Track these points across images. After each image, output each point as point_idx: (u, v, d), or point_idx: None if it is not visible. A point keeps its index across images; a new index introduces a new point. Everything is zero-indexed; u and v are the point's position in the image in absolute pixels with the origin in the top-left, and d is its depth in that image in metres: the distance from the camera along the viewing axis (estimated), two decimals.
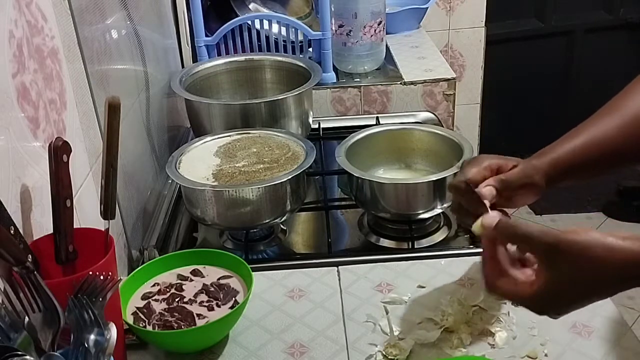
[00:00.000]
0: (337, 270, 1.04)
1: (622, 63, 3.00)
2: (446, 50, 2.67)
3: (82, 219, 0.92)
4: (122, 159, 0.91)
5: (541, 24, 2.94)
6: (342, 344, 0.89)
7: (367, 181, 1.15)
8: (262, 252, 1.21)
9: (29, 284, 0.68)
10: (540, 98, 3.08)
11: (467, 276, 1.00)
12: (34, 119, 0.81)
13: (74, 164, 0.82)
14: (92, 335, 0.66)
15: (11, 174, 0.75)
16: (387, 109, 1.79)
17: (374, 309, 0.95)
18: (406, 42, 2.05)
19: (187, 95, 1.39)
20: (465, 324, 0.89)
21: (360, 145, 1.26)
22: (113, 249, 0.78)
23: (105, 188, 0.80)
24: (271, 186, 1.10)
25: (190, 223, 1.28)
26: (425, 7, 2.15)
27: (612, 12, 2.95)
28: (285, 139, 1.24)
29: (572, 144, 0.84)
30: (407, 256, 1.09)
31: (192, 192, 1.14)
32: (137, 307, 0.89)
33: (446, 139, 1.25)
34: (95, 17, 1.07)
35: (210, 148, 1.24)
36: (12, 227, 0.69)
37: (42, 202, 0.82)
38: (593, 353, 0.84)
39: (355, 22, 1.73)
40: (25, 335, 0.64)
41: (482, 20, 2.66)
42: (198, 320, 0.86)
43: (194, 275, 0.95)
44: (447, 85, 1.79)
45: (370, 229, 1.23)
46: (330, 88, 1.76)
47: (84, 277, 0.71)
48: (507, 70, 2.94)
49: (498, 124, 2.99)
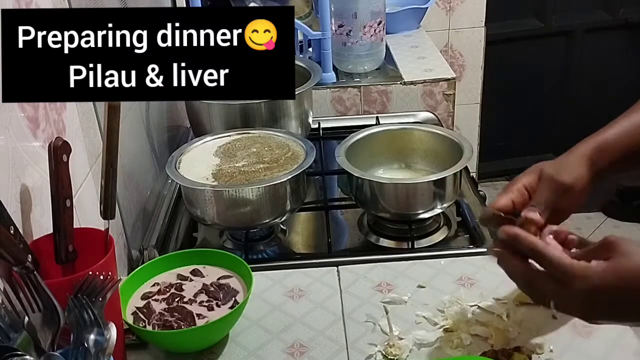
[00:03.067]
0: (337, 270, 1.04)
1: (621, 63, 3.01)
2: (446, 50, 2.67)
3: (82, 219, 0.92)
4: (122, 159, 0.91)
5: (541, 24, 2.94)
6: (342, 344, 0.89)
7: (367, 181, 1.15)
8: (262, 252, 1.21)
9: (28, 284, 0.68)
10: (540, 98, 3.08)
11: (467, 276, 1.00)
12: (33, 118, 0.81)
13: (73, 163, 0.82)
14: (92, 335, 0.66)
15: (11, 174, 0.75)
16: (387, 109, 1.79)
17: (373, 308, 0.95)
18: (406, 42, 2.06)
19: None
20: (465, 323, 0.89)
21: (360, 145, 1.26)
22: (113, 249, 0.78)
23: (105, 188, 0.80)
24: (271, 186, 1.10)
25: (190, 223, 1.27)
26: (425, 7, 2.15)
27: (612, 12, 2.94)
28: (285, 139, 1.24)
29: (616, 129, 0.80)
30: (407, 256, 1.09)
31: (192, 192, 1.14)
32: (137, 307, 0.89)
33: (446, 139, 1.25)
34: None
35: (210, 148, 1.24)
36: (12, 227, 0.69)
37: (42, 202, 0.81)
38: (593, 353, 0.84)
39: (355, 22, 1.73)
40: (25, 335, 0.64)
41: (482, 20, 2.66)
42: (198, 320, 0.86)
43: (194, 275, 0.95)
44: (447, 85, 1.79)
45: (370, 229, 1.23)
46: (330, 88, 1.76)
47: (83, 277, 0.71)
48: (507, 70, 2.94)
49: (498, 124, 3.00)
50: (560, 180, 0.78)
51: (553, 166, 0.80)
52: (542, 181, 0.79)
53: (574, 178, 0.78)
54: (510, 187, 0.81)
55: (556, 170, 0.79)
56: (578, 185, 0.78)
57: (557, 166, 0.80)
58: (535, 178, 0.80)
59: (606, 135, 0.81)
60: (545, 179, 0.79)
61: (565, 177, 0.78)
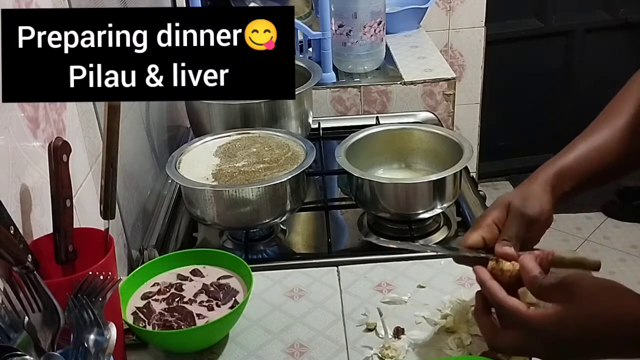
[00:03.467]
0: (337, 270, 1.04)
1: (621, 63, 3.00)
2: (446, 50, 2.67)
3: (82, 219, 0.92)
4: (122, 159, 0.91)
5: (541, 24, 2.94)
6: (341, 344, 0.89)
7: (367, 181, 1.15)
8: (262, 252, 1.21)
9: (28, 284, 0.68)
10: (540, 98, 3.08)
11: (467, 276, 1.00)
12: (33, 118, 0.81)
13: (73, 163, 0.82)
14: (92, 335, 0.67)
15: (11, 174, 0.75)
16: (387, 109, 1.79)
17: (373, 309, 0.94)
18: (406, 42, 2.05)
19: None
20: (465, 323, 0.89)
21: (360, 145, 1.26)
22: (113, 248, 0.78)
23: (105, 188, 0.80)
24: (271, 186, 1.10)
25: (190, 223, 1.27)
26: (425, 7, 2.15)
27: (611, 12, 2.94)
28: (285, 139, 1.24)
29: (574, 153, 0.83)
30: (407, 256, 1.09)
31: (192, 192, 1.14)
32: (137, 307, 0.89)
33: (446, 139, 1.25)
34: None
35: (210, 148, 1.24)
36: (12, 227, 0.69)
37: (42, 202, 0.81)
38: None
39: (355, 22, 1.73)
40: (25, 335, 0.64)
41: (482, 20, 2.66)
42: (198, 320, 0.86)
43: (194, 275, 0.95)
44: (446, 85, 1.79)
45: (370, 228, 1.23)
46: (330, 88, 1.76)
47: (83, 277, 0.71)
48: (507, 70, 2.94)
49: (498, 124, 3.00)
50: (527, 213, 0.80)
51: (519, 198, 0.82)
52: (511, 215, 0.81)
53: (540, 209, 0.81)
54: (479, 224, 0.83)
55: (522, 203, 0.81)
56: (544, 215, 0.81)
57: (523, 198, 0.81)
58: (503, 212, 0.82)
59: (565, 160, 0.83)
60: (513, 213, 0.81)
61: (531, 210, 0.80)
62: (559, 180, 0.82)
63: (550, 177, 0.82)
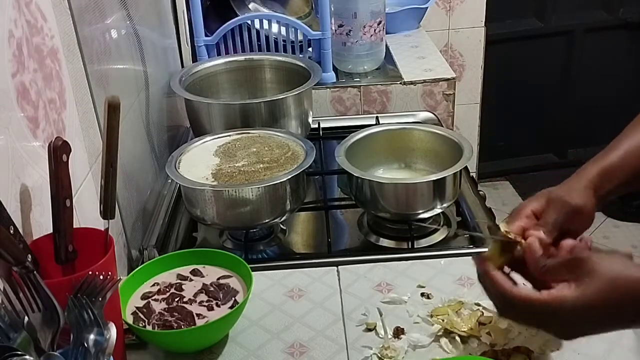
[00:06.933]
0: (337, 270, 1.04)
1: (621, 63, 3.00)
2: (446, 50, 2.68)
3: (82, 219, 0.92)
4: (121, 159, 0.91)
5: (541, 24, 2.94)
6: (341, 344, 0.89)
7: (367, 181, 1.15)
8: (261, 251, 1.21)
9: (28, 284, 0.68)
10: (540, 98, 3.08)
11: (467, 276, 1.00)
12: (33, 118, 0.81)
13: (73, 163, 0.82)
14: (92, 335, 0.66)
15: (11, 174, 0.75)
16: (386, 109, 1.79)
17: (373, 309, 0.94)
18: (406, 42, 2.06)
19: (186, 95, 1.39)
20: (465, 324, 0.89)
21: (360, 145, 1.26)
22: (113, 248, 0.78)
23: (104, 188, 0.80)
24: (271, 186, 1.10)
25: (190, 223, 1.27)
26: (425, 7, 2.15)
27: (611, 12, 2.94)
28: (285, 139, 1.24)
29: (619, 152, 0.82)
30: (407, 256, 1.09)
31: (191, 191, 1.14)
32: (137, 306, 0.89)
33: (446, 138, 1.25)
34: (95, 17, 1.07)
35: (210, 148, 1.24)
36: (11, 227, 0.69)
37: (42, 202, 0.81)
38: (593, 353, 0.84)
39: (355, 22, 1.73)
40: (25, 335, 0.64)
41: (481, 20, 2.66)
42: (198, 320, 0.86)
43: (194, 275, 0.95)
44: (446, 85, 1.79)
45: (370, 228, 1.23)
46: (330, 88, 1.76)
47: (83, 277, 0.71)
48: (507, 70, 2.94)
49: (498, 124, 3.00)
50: (570, 201, 0.79)
51: (561, 189, 0.81)
52: (551, 203, 0.80)
53: (582, 202, 0.79)
54: (518, 213, 0.81)
55: (566, 192, 0.80)
56: (586, 208, 0.80)
57: (566, 189, 0.81)
58: (542, 202, 0.81)
59: (610, 159, 0.82)
60: (555, 200, 0.80)
61: (575, 199, 0.79)
62: (604, 178, 0.81)
63: (593, 175, 0.81)
